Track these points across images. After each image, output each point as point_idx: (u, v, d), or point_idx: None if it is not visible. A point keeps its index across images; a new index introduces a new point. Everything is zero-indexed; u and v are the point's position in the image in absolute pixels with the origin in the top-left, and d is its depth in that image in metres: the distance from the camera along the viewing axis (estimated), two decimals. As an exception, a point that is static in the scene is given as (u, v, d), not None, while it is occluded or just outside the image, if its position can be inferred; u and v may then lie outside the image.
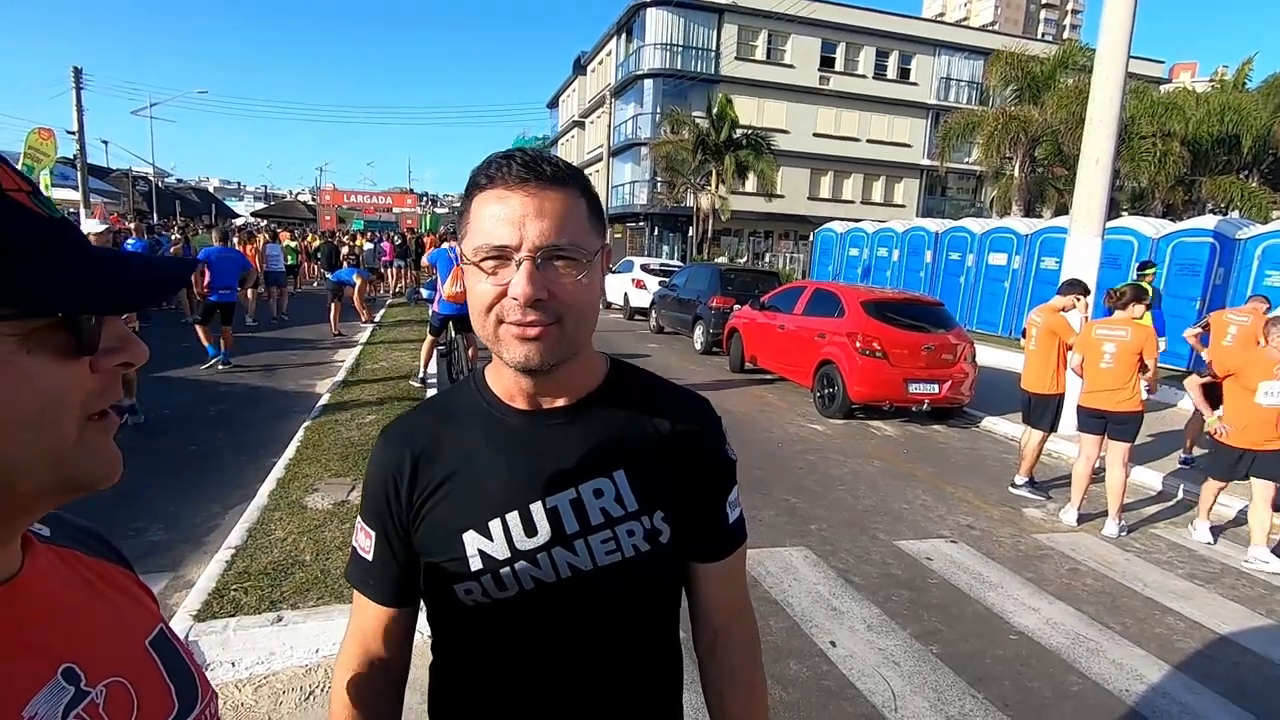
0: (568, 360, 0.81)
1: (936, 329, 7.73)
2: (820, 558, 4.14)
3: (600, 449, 0.86)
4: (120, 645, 0.57)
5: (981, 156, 20.22)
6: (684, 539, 0.90)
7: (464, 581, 0.84)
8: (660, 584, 0.91)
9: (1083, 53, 18.18)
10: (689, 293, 12.58)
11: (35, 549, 0.56)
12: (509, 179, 0.76)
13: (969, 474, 6.10)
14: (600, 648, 0.87)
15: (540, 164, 0.77)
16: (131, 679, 0.55)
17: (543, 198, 0.76)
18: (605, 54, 34.37)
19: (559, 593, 0.84)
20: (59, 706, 0.49)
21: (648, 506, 0.86)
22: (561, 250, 0.76)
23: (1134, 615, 3.72)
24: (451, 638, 0.90)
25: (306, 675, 2.70)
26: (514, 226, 0.75)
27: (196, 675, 0.63)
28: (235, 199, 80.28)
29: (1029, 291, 13.95)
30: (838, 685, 2.91)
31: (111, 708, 0.52)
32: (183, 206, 37.30)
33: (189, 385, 7.71)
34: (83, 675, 0.51)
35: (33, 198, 0.46)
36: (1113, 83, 7.02)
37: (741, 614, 0.99)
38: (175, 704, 0.58)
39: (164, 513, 4.31)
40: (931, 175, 31.59)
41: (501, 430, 0.87)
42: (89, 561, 0.62)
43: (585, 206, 0.80)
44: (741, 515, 0.97)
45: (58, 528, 0.62)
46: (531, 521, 0.84)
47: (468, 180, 0.81)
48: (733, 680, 0.96)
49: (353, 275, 12.63)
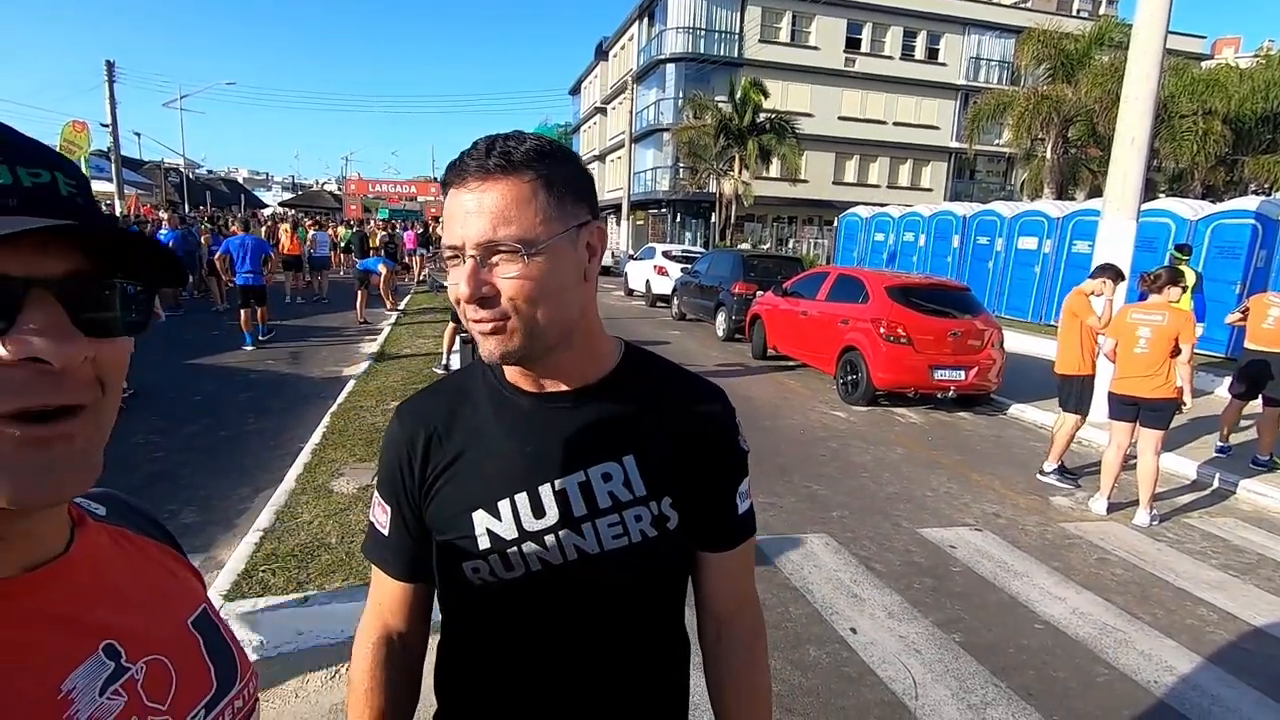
0: (554, 349, 0.81)
1: (963, 314, 7.60)
2: (841, 545, 4.11)
3: (609, 433, 0.86)
4: (162, 623, 0.58)
5: (1012, 138, 19.71)
6: (692, 527, 0.89)
7: (472, 560, 0.85)
8: (667, 570, 0.91)
9: (1119, 29, 17.56)
10: (711, 279, 12.51)
11: (87, 527, 0.57)
12: (463, 175, 0.76)
13: (995, 461, 6.00)
14: (606, 630, 0.87)
15: (488, 155, 0.75)
16: (171, 657, 0.56)
17: (483, 192, 0.74)
18: (627, 39, 34.09)
19: (565, 575, 0.84)
20: (98, 681, 0.49)
21: (656, 492, 0.86)
22: (499, 245, 0.74)
23: (1164, 606, 3.64)
24: (459, 616, 0.91)
25: (333, 654, 2.76)
26: (458, 224, 0.75)
27: (237, 655, 0.63)
28: (264, 189, 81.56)
29: (1060, 276, 13.63)
30: (858, 672, 2.90)
31: (150, 684, 0.53)
32: (213, 197, 38.04)
33: (219, 372, 7.88)
34: (123, 651, 0.52)
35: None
36: (1150, 59, 6.78)
37: (747, 606, 0.98)
38: (214, 683, 0.59)
39: (196, 496, 4.43)
40: (960, 158, 30.92)
41: (511, 412, 0.87)
42: (138, 541, 0.63)
43: (542, 190, 0.76)
44: (752, 507, 0.96)
45: (113, 508, 0.64)
46: (540, 503, 0.84)
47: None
48: (734, 673, 0.96)
49: (379, 264, 12.78)
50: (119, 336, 0.49)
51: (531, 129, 7.46)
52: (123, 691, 0.51)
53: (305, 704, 2.51)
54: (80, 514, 0.57)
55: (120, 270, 0.49)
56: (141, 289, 0.51)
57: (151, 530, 0.66)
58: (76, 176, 0.49)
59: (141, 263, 0.50)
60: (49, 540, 0.52)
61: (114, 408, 0.50)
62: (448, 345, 7.92)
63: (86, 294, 0.46)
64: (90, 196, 0.51)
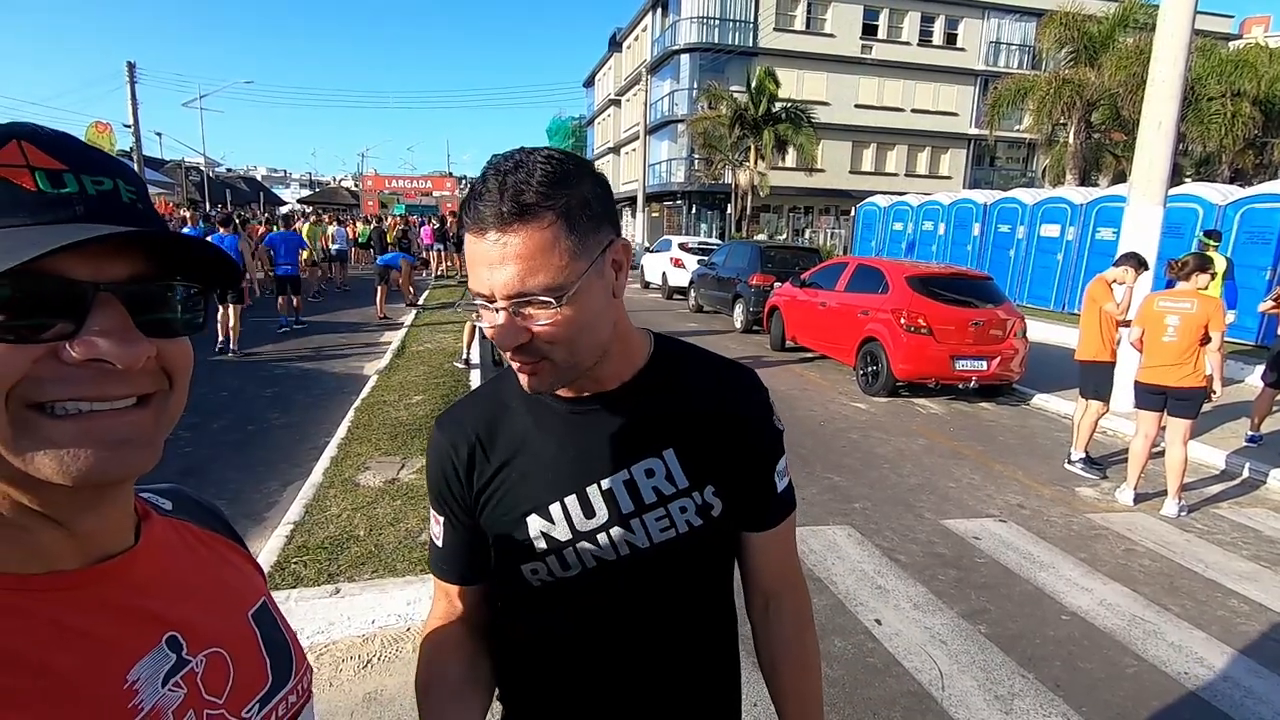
0: (589, 368, 0.82)
1: (985, 304, 7.51)
2: (864, 536, 4.11)
3: (648, 429, 0.88)
4: (223, 617, 0.59)
5: (1033, 123, 19.36)
6: (735, 510, 0.91)
7: (531, 562, 0.88)
8: (714, 556, 0.94)
9: (1144, 10, 17.13)
10: (728, 271, 12.46)
11: (152, 521, 0.58)
12: (480, 222, 0.73)
13: (1019, 452, 5.95)
14: (659, 616, 0.90)
15: (501, 201, 0.72)
16: (230, 650, 0.57)
17: (505, 242, 0.72)
18: (641, 30, 33.92)
19: (619, 570, 0.87)
20: (160, 673, 0.51)
21: (699, 482, 0.88)
22: (528, 297, 0.74)
23: (1194, 597, 3.60)
24: (518, 617, 0.94)
25: (363, 645, 2.82)
26: (484, 275, 0.74)
27: (293, 649, 0.64)
28: (282, 186, 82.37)
29: (1084, 264, 13.41)
30: (883, 663, 2.90)
31: (209, 677, 0.54)
32: (233, 195, 38.47)
33: (246, 368, 8.01)
34: (185, 644, 0.53)
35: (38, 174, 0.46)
36: (1177, 40, 6.63)
37: (793, 580, 1.00)
38: (269, 677, 0.60)
39: (227, 490, 4.52)
40: (980, 145, 30.46)
41: (550, 417, 0.88)
42: (201, 534, 0.64)
43: (563, 229, 0.73)
44: (790, 483, 0.98)
45: (179, 502, 0.66)
46: (589, 504, 0.86)
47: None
48: (786, 645, 0.98)
49: (399, 260, 12.89)
50: (179, 336, 0.51)
51: (546, 122, 7.17)
52: (183, 684, 0.52)
53: (339, 693, 2.56)
54: (145, 508, 0.59)
55: (179, 272, 0.51)
56: (198, 290, 0.52)
57: (215, 524, 0.68)
58: (135, 183, 0.51)
59: (198, 265, 0.52)
60: (117, 534, 0.53)
61: (181, 400, 0.52)
62: (467, 340, 7.98)
63: (149, 296, 0.48)
64: (149, 202, 0.52)
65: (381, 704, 2.50)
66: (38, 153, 0.46)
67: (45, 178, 0.46)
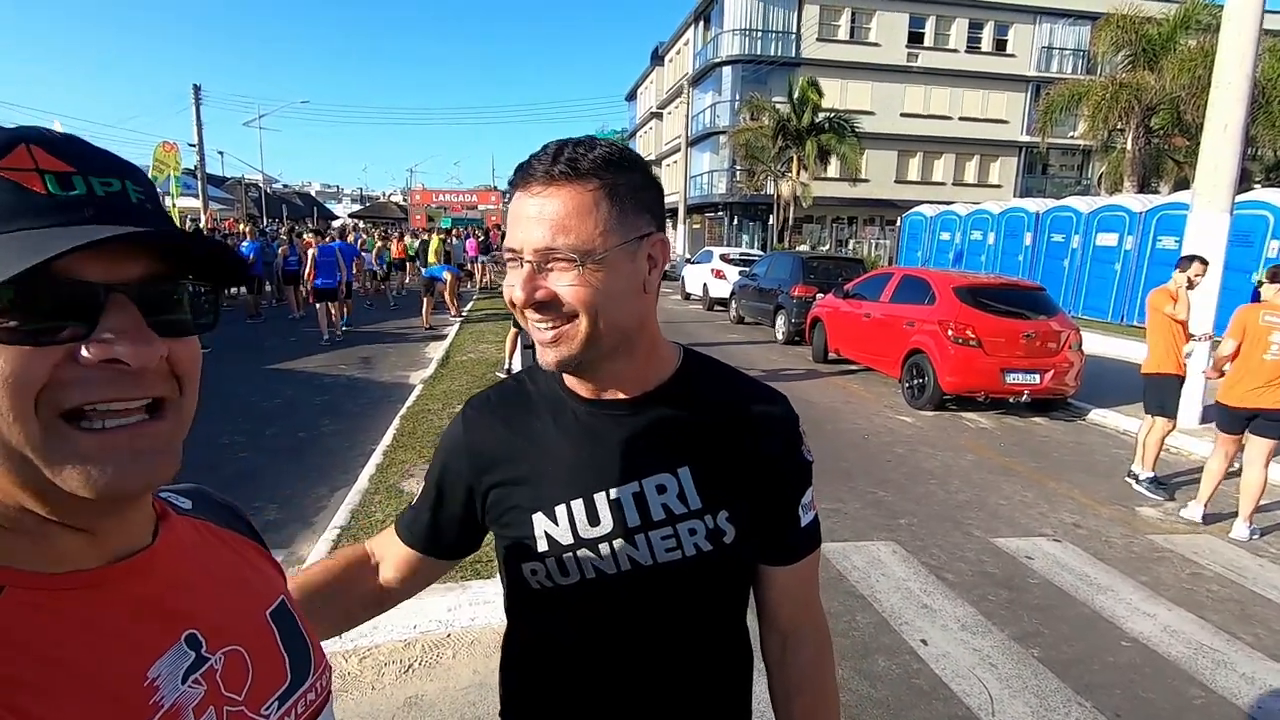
0: (611, 358, 0.81)
1: (1037, 315, 7.27)
2: (910, 553, 4.00)
3: (664, 443, 0.85)
4: (242, 615, 0.59)
5: (1088, 130, 18.73)
6: (753, 541, 0.88)
7: (530, 562, 0.86)
8: (726, 585, 0.89)
9: (1207, 10, 16.45)
10: (770, 282, 12.36)
11: (171, 520, 0.59)
12: (528, 179, 0.76)
13: (1074, 469, 5.71)
14: (661, 639, 0.87)
15: (555, 161, 0.74)
16: (249, 648, 0.57)
17: (546, 198, 0.74)
18: (683, 43, 34.13)
19: (619, 584, 0.84)
20: (180, 670, 0.51)
21: (712, 505, 0.84)
22: (555, 253, 0.74)
23: (1268, 626, 3.39)
24: (521, 617, 0.94)
25: (405, 650, 2.86)
26: (519, 228, 0.76)
27: (312, 648, 0.64)
28: (334, 201, 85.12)
29: (1143, 274, 12.90)
30: (930, 685, 2.81)
31: (228, 675, 0.54)
32: (288, 210, 39.96)
33: (298, 376, 8.28)
34: (204, 641, 0.53)
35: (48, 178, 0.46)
36: (1245, 39, 6.35)
37: (813, 620, 0.95)
38: (288, 675, 0.60)
39: (279, 494, 4.66)
40: (1031, 153, 29.62)
41: (569, 418, 0.87)
42: (221, 533, 0.65)
43: (605, 200, 0.75)
44: (816, 518, 0.93)
45: (198, 501, 0.66)
46: (595, 511, 0.84)
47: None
48: (800, 689, 0.93)
49: (444, 272, 13.19)
50: (190, 336, 0.51)
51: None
52: (202, 681, 0.52)
53: (381, 695, 2.60)
54: (164, 507, 0.59)
55: (189, 272, 0.51)
56: (209, 289, 0.53)
57: (234, 523, 0.68)
58: (143, 183, 0.51)
59: (208, 264, 0.52)
60: (136, 532, 0.54)
61: (192, 403, 0.52)
62: (509, 350, 8.09)
63: (160, 296, 0.49)
64: (158, 202, 0.53)
65: (422, 709, 2.53)
66: (46, 156, 0.47)
67: (54, 180, 0.46)
